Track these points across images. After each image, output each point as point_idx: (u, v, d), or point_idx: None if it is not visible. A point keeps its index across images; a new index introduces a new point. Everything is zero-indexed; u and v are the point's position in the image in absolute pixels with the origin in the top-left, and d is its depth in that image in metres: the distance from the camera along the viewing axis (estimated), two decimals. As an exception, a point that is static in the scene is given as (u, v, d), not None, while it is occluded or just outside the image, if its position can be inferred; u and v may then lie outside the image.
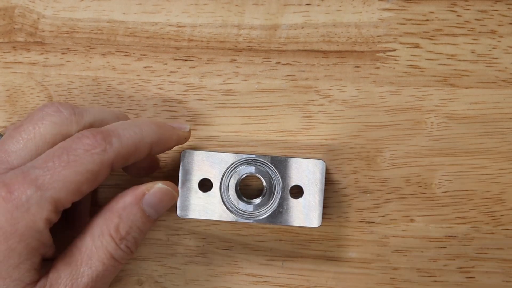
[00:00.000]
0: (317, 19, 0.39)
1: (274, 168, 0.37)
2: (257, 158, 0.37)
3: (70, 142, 0.31)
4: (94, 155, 0.31)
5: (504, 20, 0.39)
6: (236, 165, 0.37)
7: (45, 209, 0.30)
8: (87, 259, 0.32)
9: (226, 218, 0.37)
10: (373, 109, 0.39)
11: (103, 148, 0.31)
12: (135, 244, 0.33)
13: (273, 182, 0.37)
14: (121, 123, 0.34)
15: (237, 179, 0.37)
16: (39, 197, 0.30)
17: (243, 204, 0.37)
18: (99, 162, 0.31)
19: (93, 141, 0.31)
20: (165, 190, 0.34)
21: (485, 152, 0.39)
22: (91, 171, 0.31)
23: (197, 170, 0.37)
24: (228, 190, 0.37)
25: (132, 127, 0.33)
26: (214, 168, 0.37)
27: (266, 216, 0.36)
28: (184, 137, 0.36)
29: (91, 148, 0.31)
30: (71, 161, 0.31)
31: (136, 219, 0.33)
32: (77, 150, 0.31)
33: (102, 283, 0.32)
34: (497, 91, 0.39)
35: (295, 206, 0.37)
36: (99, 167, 0.31)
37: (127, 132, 0.33)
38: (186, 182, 0.37)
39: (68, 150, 0.31)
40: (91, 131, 0.32)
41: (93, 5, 0.40)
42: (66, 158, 0.31)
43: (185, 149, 0.37)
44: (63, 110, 0.33)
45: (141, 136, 0.33)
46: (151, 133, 0.34)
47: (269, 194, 0.37)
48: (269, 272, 0.39)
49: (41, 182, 0.30)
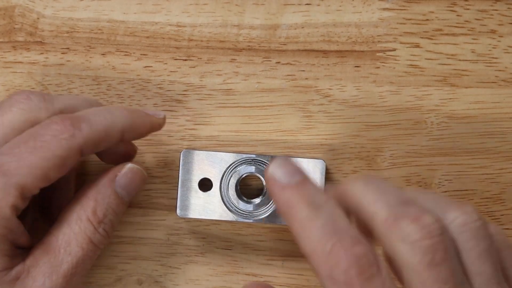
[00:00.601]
0: (317, 19, 0.39)
1: None
2: (257, 158, 0.37)
3: (38, 128, 0.31)
4: (62, 140, 0.31)
5: (504, 19, 0.39)
6: (236, 165, 0.37)
7: (11, 195, 0.30)
8: (65, 246, 0.32)
9: (226, 217, 0.37)
10: (373, 108, 0.39)
11: (71, 133, 0.31)
12: (112, 228, 0.33)
13: None
14: (92, 109, 0.33)
15: (237, 178, 0.37)
16: (4, 184, 0.30)
17: (243, 204, 0.37)
18: (67, 148, 0.31)
19: (61, 126, 0.31)
20: (135, 169, 0.34)
21: (485, 151, 0.39)
22: (59, 157, 0.31)
23: (197, 169, 0.37)
24: (228, 190, 0.37)
25: (102, 112, 0.33)
26: (214, 168, 0.37)
27: (266, 216, 0.36)
28: (158, 124, 0.35)
29: (59, 133, 0.31)
30: (37, 147, 0.30)
31: (110, 201, 0.33)
32: (45, 136, 0.31)
33: (81, 269, 0.32)
34: (497, 90, 0.39)
35: None
36: (67, 152, 0.31)
37: (97, 117, 0.32)
38: (186, 181, 0.37)
39: (35, 136, 0.31)
40: (60, 116, 0.31)
41: (93, 5, 0.40)
42: (33, 144, 0.30)
43: (184, 149, 0.37)
44: (33, 97, 0.32)
45: (112, 121, 0.33)
46: (123, 118, 0.33)
47: (269, 193, 0.37)
48: (269, 272, 0.39)
49: (7, 168, 0.30)
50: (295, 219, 0.28)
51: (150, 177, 0.39)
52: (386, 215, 0.28)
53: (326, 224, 0.27)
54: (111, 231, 0.33)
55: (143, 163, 0.39)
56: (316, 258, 0.27)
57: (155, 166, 0.39)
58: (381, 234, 0.28)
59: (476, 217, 0.29)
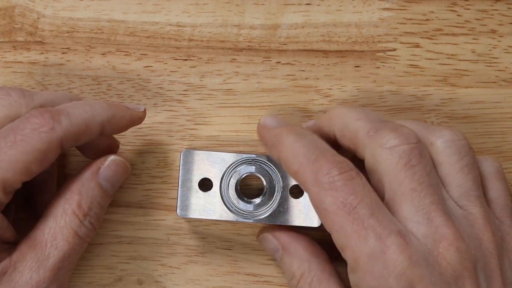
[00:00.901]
0: (317, 19, 0.39)
1: (274, 167, 0.37)
2: (257, 158, 0.37)
3: (18, 122, 0.31)
4: (42, 133, 0.31)
5: (504, 19, 0.39)
6: (237, 165, 0.37)
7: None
8: (51, 240, 0.32)
9: (226, 217, 0.37)
10: (374, 108, 0.39)
11: (51, 126, 0.31)
12: (97, 220, 0.34)
13: (274, 181, 0.37)
14: (72, 103, 0.33)
15: (237, 178, 0.37)
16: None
17: (243, 204, 0.37)
18: (47, 141, 0.31)
19: (40, 119, 0.31)
20: (118, 161, 0.35)
21: (485, 151, 0.39)
22: (39, 150, 0.31)
23: (197, 169, 0.37)
24: (229, 190, 0.37)
25: (82, 106, 0.33)
26: (214, 168, 0.37)
27: (267, 216, 0.36)
28: (139, 117, 0.36)
29: (39, 126, 0.31)
30: (17, 141, 0.30)
31: (95, 194, 0.34)
32: (25, 130, 0.31)
33: (68, 262, 0.32)
34: (497, 90, 0.39)
35: (296, 206, 0.36)
36: (47, 145, 0.31)
37: (77, 110, 0.32)
38: (186, 181, 0.37)
39: (15, 130, 0.31)
40: (39, 110, 0.31)
41: (93, 5, 0.40)
42: (13, 138, 0.30)
43: (185, 149, 0.37)
44: (12, 93, 0.33)
45: (92, 115, 0.33)
46: (102, 111, 0.33)
47: (269, 193, 0.37)
48: (269, 272, 0.39)
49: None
50: (283, 146, 0.33)
51: (150, 177, 0.39)
52: (368, 127, 0.33)
53: (310, 143, 0.32)
54: (97, 224, 0.34)
55: (143, 163, 0.39)
56: (302, 170, 0.31)
57: (155, 166, 0.39)
58: (364, 145, 0.33)
59: (461, 137, 0.33)
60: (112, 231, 0.39)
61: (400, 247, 0.29)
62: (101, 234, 0.39)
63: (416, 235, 0.30)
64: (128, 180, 0.40)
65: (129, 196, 0.40)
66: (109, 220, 0.39)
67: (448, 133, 0.33)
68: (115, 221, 0.39)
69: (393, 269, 0.29)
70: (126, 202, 0.40)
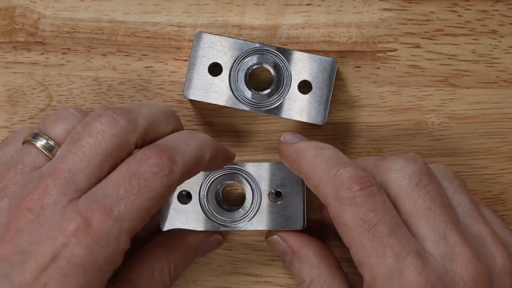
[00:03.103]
0: (318, 19, 0.39)
1: (283, 57, 0.37)
2: (266, 47, 0.37)
3: (136, 165, 0.30)
4: (163, 178, 0.30)
5: (505, 20, 0.39)
6: (245, 55, 0.37)
7: (122, 241, 0.29)
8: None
9: (231, 104, 0.37)
10: (374, 109, 0.39)
11: (170, 169, 0.30)
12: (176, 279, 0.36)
13: (282, 71, 0.37)
14: (178, 137, 0.33)
15: (246, 69, 0.37)
16: (117, 230, 0.29)
17: (251, 94, 0.37)
18: (167, 185, 0.30)
19: (159, 162, 0.30)
20: (220, 240, 0.38)
21: (485, 152, 0.39)
22: (161, 194, 0.30)
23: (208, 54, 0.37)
24: (237, 79, 0.37)
25: (192, 142, 0.32)
26: (225, 54, 0.37)
27: (276, 106, 0.37)
28: (231, 158, 0.36)
29: (159, 170, 0.30)
30: (142, 188, 0.30)
31: (189, 261, 0.37)
32: (146, 174, 0.30)
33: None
34: (497, 91, 0.39)
35: (303, 100, 0.37)
36: (167, 189, 0.30)
37: (189, 148, 0.31)
38: (195, 64, 0.37)
39: (137, 174, 0.30)
40: (154, 150, 0.31)
41: (94, 5, 0.40)
42: (137, 185, 0.30)
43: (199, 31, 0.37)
44: (119, 118, 0.31)
45: (201, 153, 0.32)
46: (208, 149, 0.33)
47: (277, 85, 0.37)
48: (270, 272, 0.39)
49: (117, 213, 0.29)
50: (304, 160, 0.33)
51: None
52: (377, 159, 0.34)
53: (331, 157, 0.33)
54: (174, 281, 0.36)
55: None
56: (323, 184, 0.31)
57: (155, 166, 0.39)
58: (375, 171, 0.33)
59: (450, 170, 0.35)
60: (112, 232, 0.39)
61: (418, 268, 0.29)
62: (102, 235, 0.39)
63: (433, 254, 0.30)
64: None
65: (129, 196, 0.40)
66: (110, 221, 0.39)
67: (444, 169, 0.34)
68: (115, 221, 0.39)
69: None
70: (126, 202, 0.40)
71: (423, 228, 0.31)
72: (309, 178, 0.33)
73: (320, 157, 0.33)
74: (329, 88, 0.37)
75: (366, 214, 0.30)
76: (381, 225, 0.30)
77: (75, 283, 0.28)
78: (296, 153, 0.34)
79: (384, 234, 0.30)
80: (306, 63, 0.37)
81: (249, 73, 0.37)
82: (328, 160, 0.32)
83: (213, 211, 0.36)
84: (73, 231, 0.28)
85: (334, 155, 0.33)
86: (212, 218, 0.37)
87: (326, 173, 0.32)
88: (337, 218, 0.31)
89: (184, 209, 0.36)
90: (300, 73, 0.37)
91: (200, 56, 0.37)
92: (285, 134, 0.36)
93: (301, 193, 0.37)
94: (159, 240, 0.36)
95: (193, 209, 0.37)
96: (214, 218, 0.37)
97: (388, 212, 0.30)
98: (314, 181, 0.32)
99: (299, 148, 0.34)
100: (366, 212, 0.30)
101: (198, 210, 0.37)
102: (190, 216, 0.36)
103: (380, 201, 0.30)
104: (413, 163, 0.32)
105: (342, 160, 0.33)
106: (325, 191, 0.31)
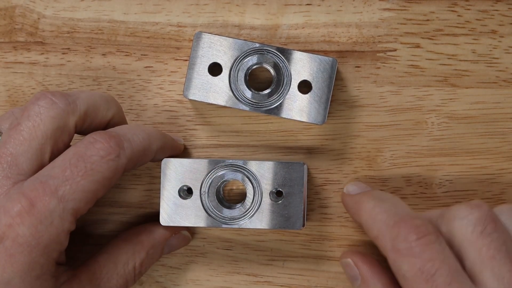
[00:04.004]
0: (318, 19, 0.39)
1: (283, 57, 0.37)
2: (266, 47, 0.37)
3: (83, 148, 0.31)
4: (110, 161, 0.31)
5: (505, 20, 0.39)
6: (245, 55, 0.37)
7: (67, 221, 0.30)
8: (106, 281, 0.34)
9: (231, 104, 0.37)
10: (374, 109, 0.39)
11: (117, 154, 0.31)
12: (141, 276, 0.36)
13: (282, 71, 0.37)
14: (127, 127, 0.34)
15: (246, 69, 0.37)
16: (61, 210, 0.30)
17: (251, 94, 0.37)
18: (114, 169, 0.31)
19: (107, 146, 0.31)
20: (187, 237, 0.39)
21: (485, 152, 0.39)
22: (107, 178, 0.31)
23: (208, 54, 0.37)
24: (237, 79, 0.37)
25: (140, 132, 0.33)
26: (225, 54, 0.37)
27: (276, 106, 0.37)
28: (180, 149, 0.38)
29: (106, 154, 0.31)
30: (88, 170, 0.30)
31: (156, 258, 0.37)
32: (92, 157, 0.31)
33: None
34: (497, 91, 0.39)
35: (303, 100, 0.37)
36: (114, 173, 0.31)
37: (137, 137, 0.33)
38: (195, 64, 0.37)
39: (84, 157, 0.31)
40: (103, 135, 0.32)
41: (94, 5, 0.40)
42: (83, 167, 0.31)
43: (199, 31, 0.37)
44: (58, 101, 0.32)
45: (149, 142, 0.34)
46: (157, 140, 0.34)
47: (277, 84, 0.37)
48: (269, 272, 0.39)
49: (62, 193, 0.30)
50: (364, 211, 0.34)
51: (151, 178, 0.39)
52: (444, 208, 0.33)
53: (389, 208, 0.33)
54: (138, 278, 0.36)
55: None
56: (381, 236, 0.32)
57: (156, 166, 0.39)
58: (440, 220, 0.32)
59: None
60: (112, 232, 0.39)
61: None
62: (102, 235, 0.39)
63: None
64: (128, 180, 0.40)
65: (129, 196, 0.40)
66: (109, 220, 0.39)
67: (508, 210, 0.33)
68: (115, 221, 0.40)
69: None
70: (126, 202, 0.40)
71: (487, 277, 0.30)
72: (369, 230, 0.33)
73: (379, 208, 0.33)
74: (329, 88, 0.37)
75: (423, 264, 0.30)
76: (439, 274, 0.29)
77: (21, 262, 0.29)
78: (357, 204, 0.35)
79: (443, 284, 0.29)
80: (306, 63, 0.37)
81: (249, 73, 0.37)
82: (386, 211, 0.32)
83: (214, 207, 0.36)
84: (18, 211, 0.29)
85: (393, 205, 0.33)
86: (212, 214, 0.36)
87: (384, 225, 0.32)
88: (396, 270, 0.31)
89: (184, 204, 0.36)
90: (300, 73, 0.37)
91: (200, 56, 0.37)
92: (348, 185, 0.37)
93: (302, 194, 0.37)
94: (126, 235, 0.37)
95: (194, 204, 0.37)
96: (214, 214, 0.36)
97: (446, 260, 0.30)
98: (373, 233, 0.33)
99: (359, 199, 0.35)
100: (424, 262, 0.30)
101: (199, 206, 0.37)
102: (190, 211, 0.36)
103: (438, 250, 0.30)
104: (478, 210, 0.31)
105: (401, 210, 0.32)
106: (383, 243, 0.32)
